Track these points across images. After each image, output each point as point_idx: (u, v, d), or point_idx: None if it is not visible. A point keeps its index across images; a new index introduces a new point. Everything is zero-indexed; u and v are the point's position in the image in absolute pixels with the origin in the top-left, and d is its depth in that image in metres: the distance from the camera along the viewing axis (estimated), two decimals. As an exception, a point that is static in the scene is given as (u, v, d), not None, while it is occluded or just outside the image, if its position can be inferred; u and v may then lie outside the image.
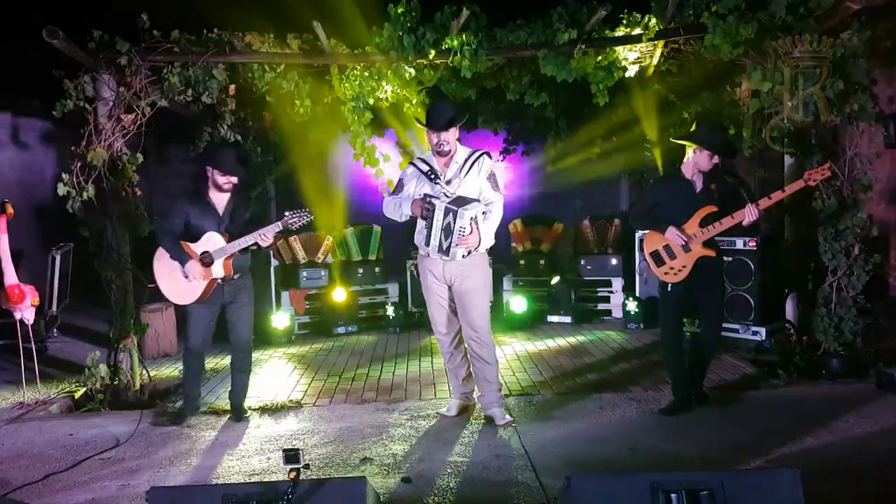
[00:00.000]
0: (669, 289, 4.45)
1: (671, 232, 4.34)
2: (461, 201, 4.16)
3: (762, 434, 4.10)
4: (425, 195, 4.29)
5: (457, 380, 4.71)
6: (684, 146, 4.42)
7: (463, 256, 4.21)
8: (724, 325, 6.16)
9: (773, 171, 6.44)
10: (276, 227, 4.32)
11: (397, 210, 4.41)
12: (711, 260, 4.37)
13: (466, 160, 4.33)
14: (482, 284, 4.44)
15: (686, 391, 4.56)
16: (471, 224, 4.11)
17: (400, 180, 4.53)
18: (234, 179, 4.49)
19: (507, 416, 4.46)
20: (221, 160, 4.45)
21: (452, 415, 4.65)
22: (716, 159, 4.35)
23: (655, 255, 4.47)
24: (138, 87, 5.35)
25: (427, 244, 4.29)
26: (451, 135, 4.29)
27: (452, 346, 4.61)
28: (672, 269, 4.41)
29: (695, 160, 4.36)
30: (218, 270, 4.41)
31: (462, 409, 4.70)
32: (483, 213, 4.22)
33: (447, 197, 4.22)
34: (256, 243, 4.39)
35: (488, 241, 4.32)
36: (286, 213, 4.34)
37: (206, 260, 4.40)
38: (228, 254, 4.39)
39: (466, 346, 4.55)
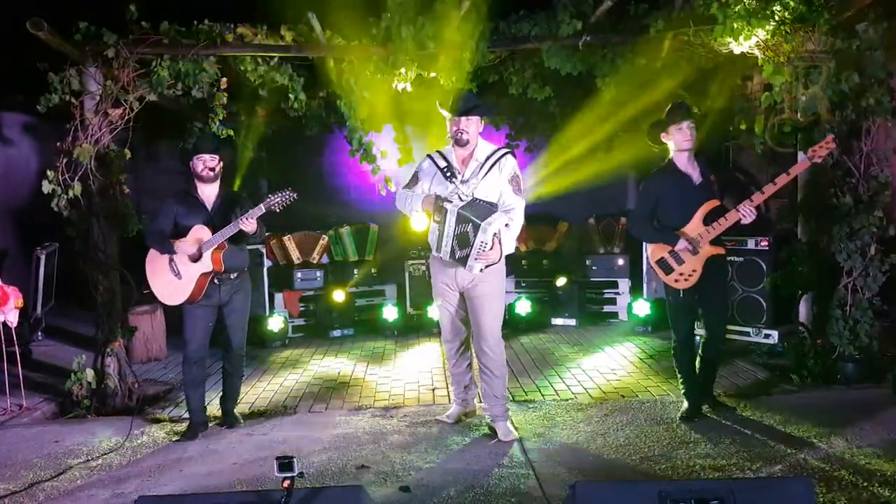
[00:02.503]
0: (682, 295, 4.36)
1: (682, 245, 4.26)
2: (477, 207, 4.03)
3: (774, 441, 4.10)
4: (437, 197, 4.18)
5: (459, 387, 4.70)
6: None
7: (481, 271, 4.07)
8: (736, 327, 6.17)
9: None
10: (259, 209, 4.28)
11: (408, 205, 4.33)
12: (717, 258, 4.32)
13: (488, 158, 4.21)
14: (497, 291, 4.33)
15: (699, 396, 4.55)
16: (493, 239, 3.97)
17: (415, 173, 4.42)
18: (213, 163, 4.47)
19: (513, 433, 4.36)
20: (195, 143, 4.56)
21: (452, 421, 4.64)
22: (686, 130, 4.26)
23: (662, 263, 4.37)
24: (126, 80, 5.34)
25: (438, 249, 4.21)
26: (473, 125, 4.17)
27: (458, 353, 4.59)
28: (682, 275, 4.32)
29: (674, 145, 4.32)
30: (206, 263, 4.38)
31: (462, 416, 4.70)
32: (506, 224, 4.08)
33: (461, 200, 4.10)
34: (242, 231, 4.35)
35: (509, 250, 4.20)
36: (268, 195, 4.32)
37: (195, 254, 4.40)
38: (215, 244, 4.36)
39: (475, 355, 4.48)
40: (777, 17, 5.02)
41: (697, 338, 4.68)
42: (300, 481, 2.67)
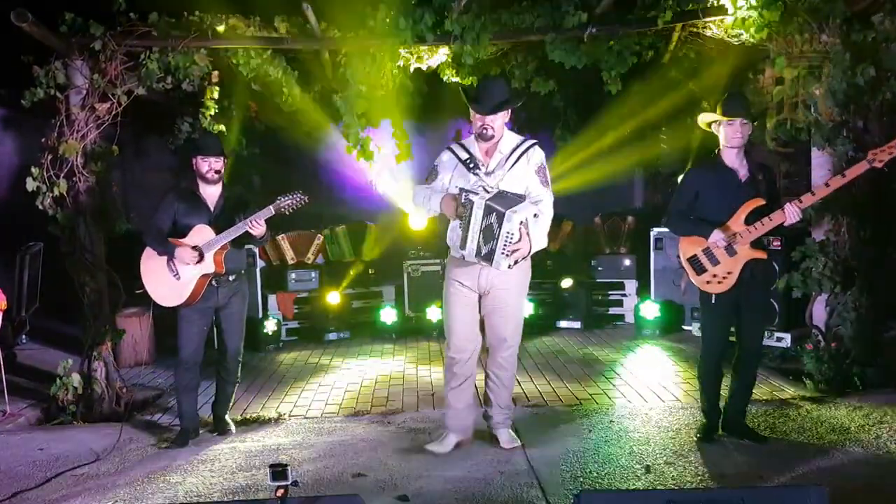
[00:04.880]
0: (714, 300, 4.12)
1: (717, 237, 4.01)
2: (505, 199, 3.84)
3: (787, 448, 4.10)
4: (461, 189, 3.94)
5: (455, 409, 4.27)
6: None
7: (510, 267, 3.85)
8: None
9: (799, 164, 6.44)
10: (268, 211, 4.28)
11: (426, 203, 4.09)
12: (759, 263, 4.05)
13: (514, 150, 4.03)
14: (522, 296, 4.20)
15: (718, 415, 4.35)
16: (520, 229, 3.77)
17: (434, 167, 4.20)
18: (218, 164, 4.50)
19: (516, 440, 4.30)
20: (201, 144, 4.55)
21: (446, 451, 4.23)
22: (739, 127, 3.99)
23: (694, 262, 4.14)
24: (114, 74, 5.35)
25: (462, 247, 3.92)
26: (499, 118, 3.99)
27: (465, 364, 4.21)
28: (715, 276, 4.06)
29: (722, 139, 4.05)
30: (208, 265, 4.38)
31: (458, 445, 4.28)
32: (535, 214, 3.87)
33: (487, 192, 3.88)
34: (248, 234, 4.36)
35: (540, 245, 4.01)
36: (278, 197, 4.31)
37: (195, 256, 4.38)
38: (219, 245, 4.37)
39: (487, 364, 4.29)
40: (790, 8, 5.02)
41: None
42: (294, 490, 2.67)
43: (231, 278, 4.56)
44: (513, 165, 4.01)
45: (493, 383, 4.29)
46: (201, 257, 4.37)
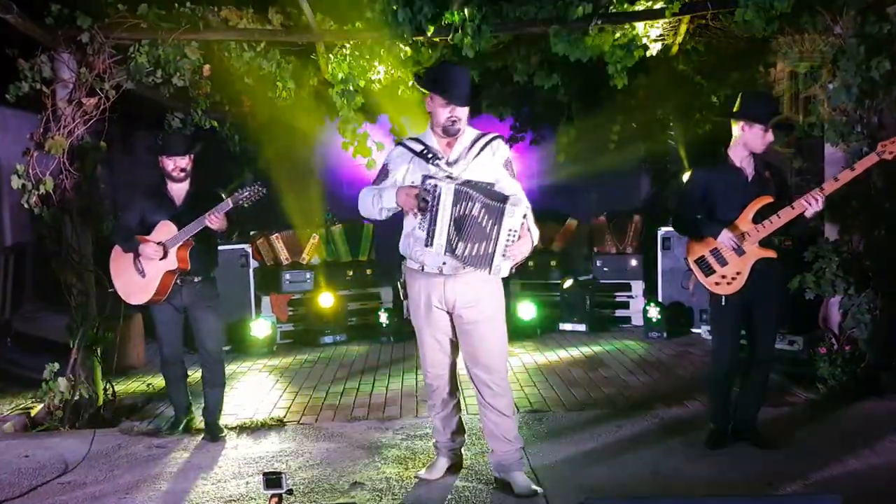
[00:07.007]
0: (724, 302, 4.08)
1: (725, 236, 3.99)
2: (480, 188, 3.45)
3: (799, 455, 4.10)
4: (423, 177, 3.52)
5: (445, 434, 3.97)
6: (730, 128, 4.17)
7: (511, 271, 3.49)
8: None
9: (811, 160, 6.43)
10: (226, 205, 4.38)
11: (376, 203, 3.66)
12: (770, 263, 4.03)
13: (476, 141, 3.67)
14: (498, 308, 3.74)
15: (728, 420, 4.33)
16: (523, 224, 3.38)
17: (384, 166, 3.80)
18: (183, 163, 4.60)
19: (535, 486, 3.76)
20: (165, 143, 4.66)
21: (437, 477, 3.97)
22: (770, 136, 4.01)
23: (702, 263, 4.12)
24: (102, 67, 5.34)
25: (429, 244, 3.46)
26: (466, 110, 3.62)
27: (447, 390, 3.88)
28: (724, 277, 4.04)
29: (744, 140, 4.04)
30: (171, 261, 4.49)
31: (450, 469, 4.04)
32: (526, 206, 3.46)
33: (452, 179, 3.49)
34: (218, 234, 4.53)
35: (536, 239, 3.55)
36: (237, 190, 4.43)
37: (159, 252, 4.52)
38: (181, 241, 4.47)
39: (475, 391, 3.84)
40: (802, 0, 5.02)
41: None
42: (289, 498, 2.67)
43: (196, 280, 4.65)
44: (477, 155, 3.63)
45: (491, 412, 3.78)
46: (165, 254, 4.49)
